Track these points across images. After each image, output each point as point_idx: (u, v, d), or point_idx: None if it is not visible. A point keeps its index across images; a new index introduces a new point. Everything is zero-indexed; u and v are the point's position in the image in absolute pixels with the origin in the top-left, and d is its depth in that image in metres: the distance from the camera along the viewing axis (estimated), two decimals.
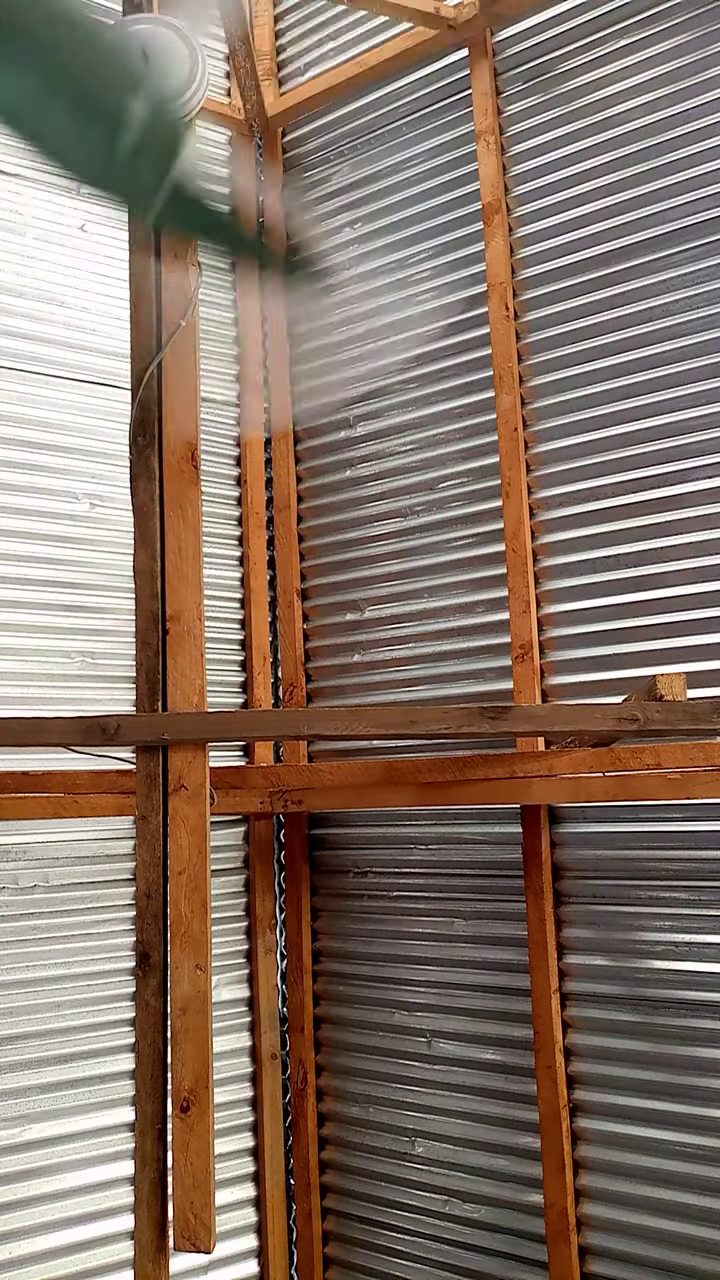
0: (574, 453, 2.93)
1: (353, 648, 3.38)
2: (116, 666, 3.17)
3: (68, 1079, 2.93)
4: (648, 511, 2.79)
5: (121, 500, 2.46)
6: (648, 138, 2.83)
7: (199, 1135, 2.03)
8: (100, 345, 3.28)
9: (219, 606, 3.44)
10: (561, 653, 2.92)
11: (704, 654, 2.67)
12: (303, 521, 3.56)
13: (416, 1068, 3.10)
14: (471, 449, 3.16)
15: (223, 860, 3.34)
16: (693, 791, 2.48)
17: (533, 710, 2.33)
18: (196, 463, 2.26)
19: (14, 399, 3.12)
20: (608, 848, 2.79)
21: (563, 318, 2.97)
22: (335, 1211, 3.25)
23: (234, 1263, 3.18)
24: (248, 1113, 3.28)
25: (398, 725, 2.31)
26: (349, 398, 3.44)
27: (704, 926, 2.62)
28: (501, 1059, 2.94)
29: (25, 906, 2.95)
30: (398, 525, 3.31)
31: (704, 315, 2.73)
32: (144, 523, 2.25)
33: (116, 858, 3.09)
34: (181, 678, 2.18)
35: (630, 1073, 2.69)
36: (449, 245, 3.25)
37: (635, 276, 2.84)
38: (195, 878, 2.10)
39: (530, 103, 3.08)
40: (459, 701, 3.09)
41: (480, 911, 3.03)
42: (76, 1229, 2.89)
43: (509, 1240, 2.88)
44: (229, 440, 3.58)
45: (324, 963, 3.35)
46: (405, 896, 3.19)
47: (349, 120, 3.51)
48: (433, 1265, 3.02)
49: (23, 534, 3.09)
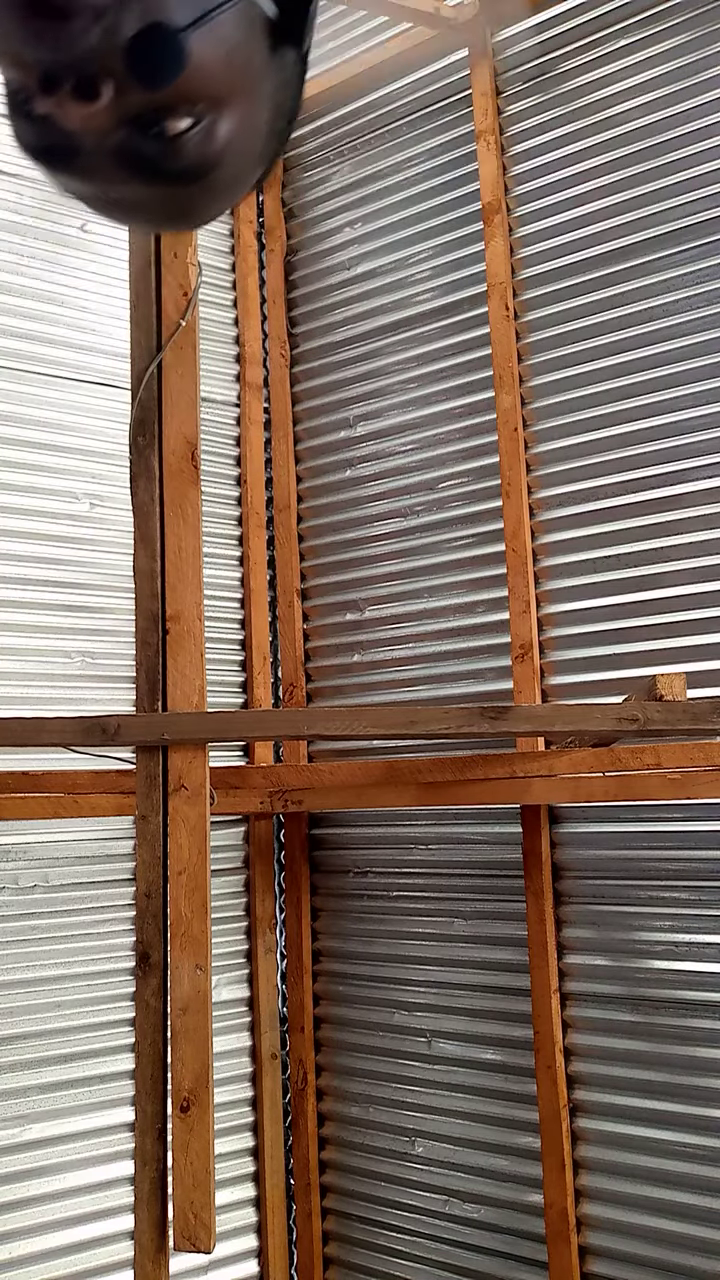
0: (574, 453, 2.93)
1: (353, 648, 3.38)
2: (116, 666, 3.17)
3: (68, 1079, 2.93)
4: (648, 511, 2.79)
5: (121, 500, 2.45)
6: (648, 138, 2.83)
7: (199, 1135, 2.03)
8: (100, 345, 3.28)
9: (219, 606, 3.44)
10: (561, 653, 2.92)
11: (704, 654, 2.67)
12: (303, 521, 3.56)
13: (416, 1067, 3.10)
14: (471, 449, 3.16)
15: (223, 860, 3.34)
16: (693, 791, 2.49)
17: (533, 710, 2.33)
18: (196, 463, 2.27)
19: (14, 399, 3.12)
20: (608, 848, 2.79)
21: (563, 318, 2.97)
22: (335, 1211, 3.25)
23: (234, 1263, 3.18)
24: (248, 1113, 3.28)
25: (398, 725, 2.31)
26: (348, 397, 3.44)
27: (704, 926, 2.62)
28: (501, 1059, 2.94)
29: (25, 906, 2.95)
30: (398, 525, 3.31)
31: (704, 315, 2.73)
32: (144, 523, 2.25)
33: (116, 858, 3.09)
34: (181, 678, 2.19)
35: (630, 1073, 2.69)
36: (449, 245, 3.25)
37: (635, 276, 2.84)
38: (195, 878, 2.10)
39: (530, 103, 3.08)
40: (459, 701, 3.09)
41: (480, 911, 3.03)
42: (76, 1229, 2.89)
43: (509, 1240, 2.88)
44: (229, 440, 3.58)
45: (324, 963, 3.35)
46: (405, 896, 3.19)
47: (349, 120, 3.51)
48: (433, 1265, 3.02)
49: (23, 534, 3.09)
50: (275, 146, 0.71)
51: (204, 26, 0.57)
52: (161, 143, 0.61)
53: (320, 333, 3.55)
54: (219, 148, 0.63)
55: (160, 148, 0.61)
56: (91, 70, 0.57)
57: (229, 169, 0.66)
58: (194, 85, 0.59)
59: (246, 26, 0.62)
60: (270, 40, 0.65)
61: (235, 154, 0.65)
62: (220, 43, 0.60)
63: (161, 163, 0.62)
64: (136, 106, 0.59)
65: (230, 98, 0.62)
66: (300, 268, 3.63)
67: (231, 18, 0.60)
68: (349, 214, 3.50)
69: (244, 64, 0.63)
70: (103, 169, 0.63)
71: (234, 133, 0.64)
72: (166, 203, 0.67)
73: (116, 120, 0.59)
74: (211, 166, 0.64)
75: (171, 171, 0.63)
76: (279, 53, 0.66)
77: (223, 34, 0.60)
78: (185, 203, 0.67)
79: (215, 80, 0.61)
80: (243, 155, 0.67)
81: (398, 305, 3.36)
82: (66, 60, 0.56)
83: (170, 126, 0.60)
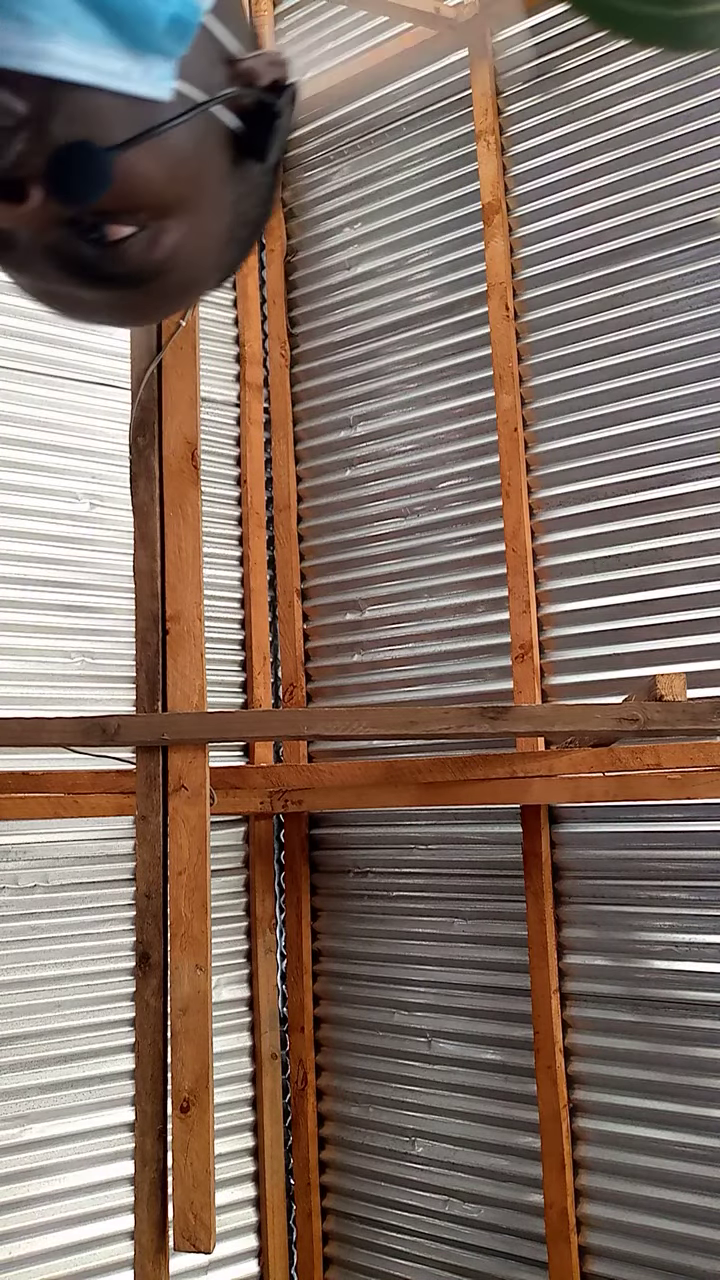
0: (574, 453, 2.93)
1: (353, 648, 3.39)
2: (116, 666, 3.17)
3: (68, 1079, 2.93)
4: (648, 511, 2.79)
5: (121, 500, 2.45)
6: (648, 138, 2.83)
7: (199, 1135, 2.03)
8: (100, 345, 3.28)
9: (219, 606, 3.44)
10: (561, 653, 2.92)
11: (704, 654, 2.67)
12: (303, 521, 3.56)
13: (416, 1068, 3.10)
14: (471, 449, 3.16)
15: (223, 860, 3.34)
16: (693, 791, 2.49)
17: (533, 710, 2.33)
18: (196, 463, 2.27)
19: (14, 399, 3.12)
20: (608, 848, 2.79)
21: (563, 318, 2.97)
22: (335, 1211, 3.25)
23: (234, 1263, 3.18)
24: (248, 1113, 3.28)
25: (398, 725, 2.31)
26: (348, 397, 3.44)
27: (704, 926, 2.62)
28: (501, 1059, 2.94)
29: (25, 906, 2.95)
30: (398, 525, 3.31)
31: (704, 315, 2.73)
32: (144, 523, 2.25)
33: (116, 858, 3.09)
34: (181, 678, 2.19)
35: (630, 1073, 2.69)
36: (449, 245, 3.25)
37: (635, 276, 2.84)
38: (195, 878, 2.10)
39: (530, 103, 3.08)
40: (459, 701, 3.09)
41: (480, 911, 3.03)
42: (76, 1229, 2.89)
43: (509, 1240, 2.88)
44: (229, 440, 3.58)
45: (324, 963, 3.35)
46: (405, 896, 3.19)
47: (349, 120, 3.51)
48: (433, 1265, 3.02)
49: (23, 534, 3.08)
50: (237, 253, 0.67)
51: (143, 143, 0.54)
52: (100, 247, 0.58)
53: (320, 333, 3.55)
54: (165, 255, 0.60)
55: (99, 252, 0.58)
56: (16, 175, 0.54)
57: (178, 275, 0.62)
58: (132, 195, 0.56)
59: (199, 139, 0.59)
60: (232, 152, 0.62)
61: (185, 261, 0.62)
62: (165, 154, 0.56)
63: (101, 267, 0.59)
64: (70, 213, 0.56)
65: (177, 208, 0.59)
66: (300, 268, 3.63)
67: (184, 130, 0.56)
68: (349, 214, 3.50)
69: (194, 175, 0.59)
70: (40, 268, 0.60)
71: (184, 241, 0.60)
72: (112, 303, 0.64)
73: (49, 222, 0.56)
74: (157, 272, 0.61)
75: (113, 276, 0.60)
76: (241, 165, 0.63)
77: (169, 146, 0.56)
78: (132, 304, 0.64)
79: (157, 191, 0.57)
80: (195, 262, 0.63)
81: (398, 305, 3.36)
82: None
83: (110, 232, 0.57)
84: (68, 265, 0.59)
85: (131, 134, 0.54)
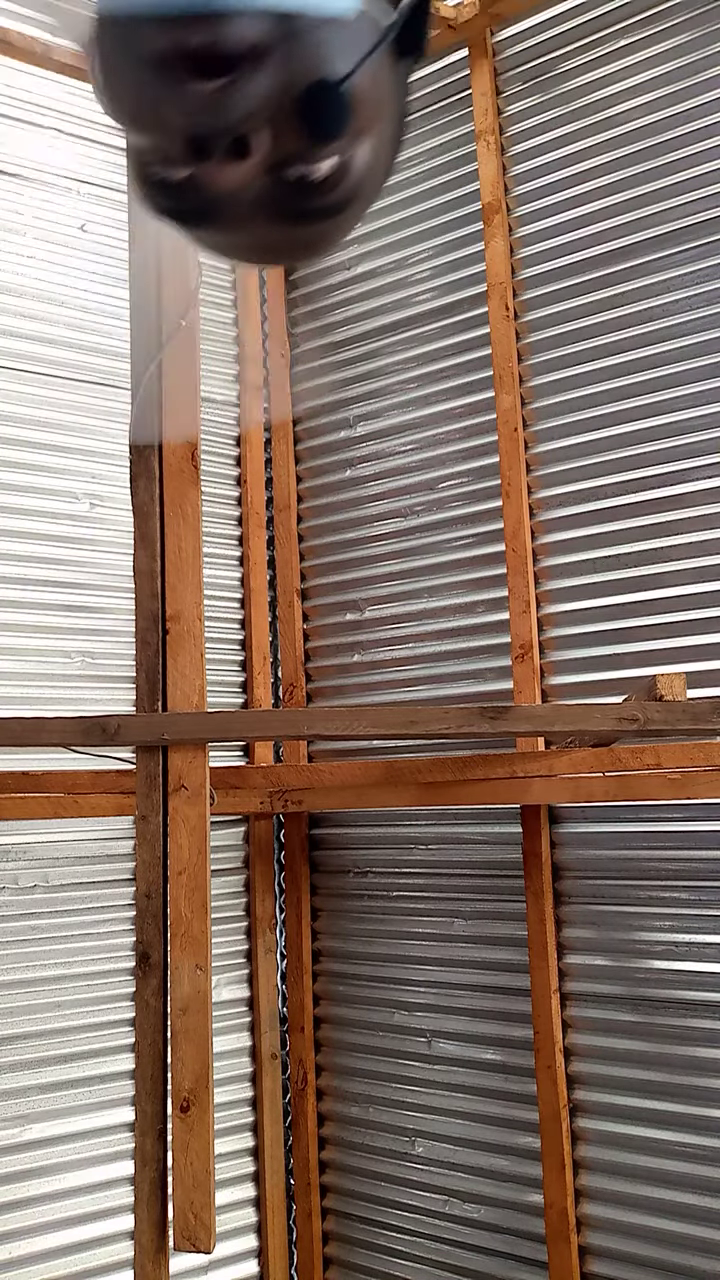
0: (574, 453, 2.93)
1: (353, 648, 3.39)
2: (116, 666, 3.17)
3: (68, 1079, 2.93)
4: (648, 511, 2.79)
5: (121, 500, 2.45)
6: (648, 138, 2.83)
7: (199, 1135, 2.03)
8: (100, 345, 3.28)
9: (219, 606, 3.44)
10: (561, 653, 2.92)
11: (704, 654, 2.67)
12: (303, 521, 3.56)
13: (416, 1068, 3.10)
14: (471, 449, 3.16)
15: (223, 860, 3.34)
16: (693, 791, 2.49)
17: (533, 710, 2.33)
18: (196, 463, 2.27)
19: (14, 399, 3.12)
20: (608, 848, 2.79)
21: (563, 318, 2.97)
22: (335, 1211, 3.25)
23: (234, 1263, 3.18)
24: (248, 1113, 3.28)
25: (398, 725, 2.31)
26: (348, 397, 3.44)
27: (704, 926, 2.62)
28: (501, 1059, 2.94)
29: (25, 906, 2.95)
30: (398, 525, 3.31)
31: (704, 315, 2.73)
32: (144, 523, 2.25)
33: (116, 858, 3.09)
34: (181, 678, 2.19)
35: (630, 1073, 2.69)
36: (449, 245, 3.25)
37: (635, 276, 2.84)
38: (195, 878, 2.10)
39: (530, 103, 3.08)
40: (459, 701, 3.09)
41: (480, 911, 3.03)
42: (76, 1229, 2.89)
43: (509, 1240, 2.88)
44: (229, 440, 3.58)
45: (324, 963, 3.35)
46: (405, 896, 3.19)
47: None
48: (433, 1265, 3.02)
49: (23, 534, 3.09)
50: (396, 154, 0.69)
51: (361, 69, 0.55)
52: (307, 186, 0.59)
53: (320, 333, 3.55)
54: (359, 178, 0.61)
55: (306, 191, 0.59)
56: (248, 130, 0.54)
57: (366, 193, 0.64)
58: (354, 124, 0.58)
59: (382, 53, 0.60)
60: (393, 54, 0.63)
61: (372, 177, 0.64)
62: (368, 76, 0.58)
63: (308, 204, 0.60)
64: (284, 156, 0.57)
65: (371, 127, 0.61)
66: (300, 268, 3.63)
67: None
68: None
69: (383, 91, 0.61)
70: (245, 219, 0.61)
71: (370, 158, 0.62)
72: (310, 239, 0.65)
73: (263, 172, 0.58)
74: (355, 196, 0.62)
75: (317, 210, 0.61)
76: (401, 66, 0.65)
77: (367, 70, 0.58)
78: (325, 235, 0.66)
79: (370, 114, 0.59)
80: (379, 175, 0.66)
81: (398, 305, 3.36)
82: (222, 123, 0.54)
83: (316, 170, 0.58)
84: (274, 211, 0.60)
85: (352, 63, 0.55)
